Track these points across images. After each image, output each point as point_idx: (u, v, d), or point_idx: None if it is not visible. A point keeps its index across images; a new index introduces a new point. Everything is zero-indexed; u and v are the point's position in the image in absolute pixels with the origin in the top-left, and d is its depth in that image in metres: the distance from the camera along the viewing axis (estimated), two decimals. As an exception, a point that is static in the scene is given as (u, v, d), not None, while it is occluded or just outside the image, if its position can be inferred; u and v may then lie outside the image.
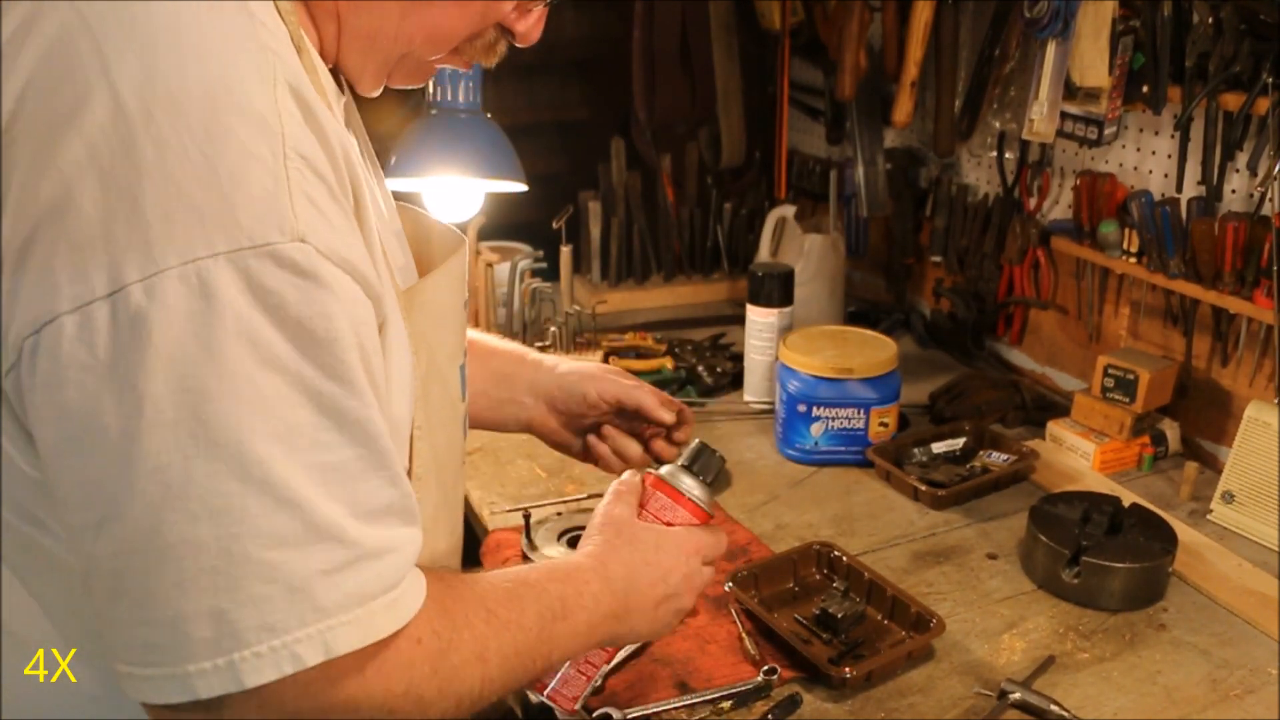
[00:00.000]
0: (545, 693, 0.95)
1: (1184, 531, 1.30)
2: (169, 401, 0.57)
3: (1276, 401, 1.37)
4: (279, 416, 0.60)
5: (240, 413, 0.58)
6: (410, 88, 0.84)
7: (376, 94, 0.82)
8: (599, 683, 1.04)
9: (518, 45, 0.80)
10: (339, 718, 0.65)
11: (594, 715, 1.01)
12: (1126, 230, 1.54)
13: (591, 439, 1.11)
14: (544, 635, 0.79)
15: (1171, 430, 1.52)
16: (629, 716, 1.02)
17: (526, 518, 1.27)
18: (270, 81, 0.61)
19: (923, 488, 1.40)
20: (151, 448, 0.57)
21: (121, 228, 0.56)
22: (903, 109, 1.76)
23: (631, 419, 1.11)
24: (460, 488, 0.97)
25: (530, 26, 0.79)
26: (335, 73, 0.79)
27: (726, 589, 1.17)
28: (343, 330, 0.62)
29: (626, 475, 0.98)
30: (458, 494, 0.96)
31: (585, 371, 1.11)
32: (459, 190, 1.70)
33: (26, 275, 0.58)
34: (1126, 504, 1.29)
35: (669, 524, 0.94)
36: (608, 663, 1.01)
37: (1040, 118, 1.52)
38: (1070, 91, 1.50)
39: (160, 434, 0.57)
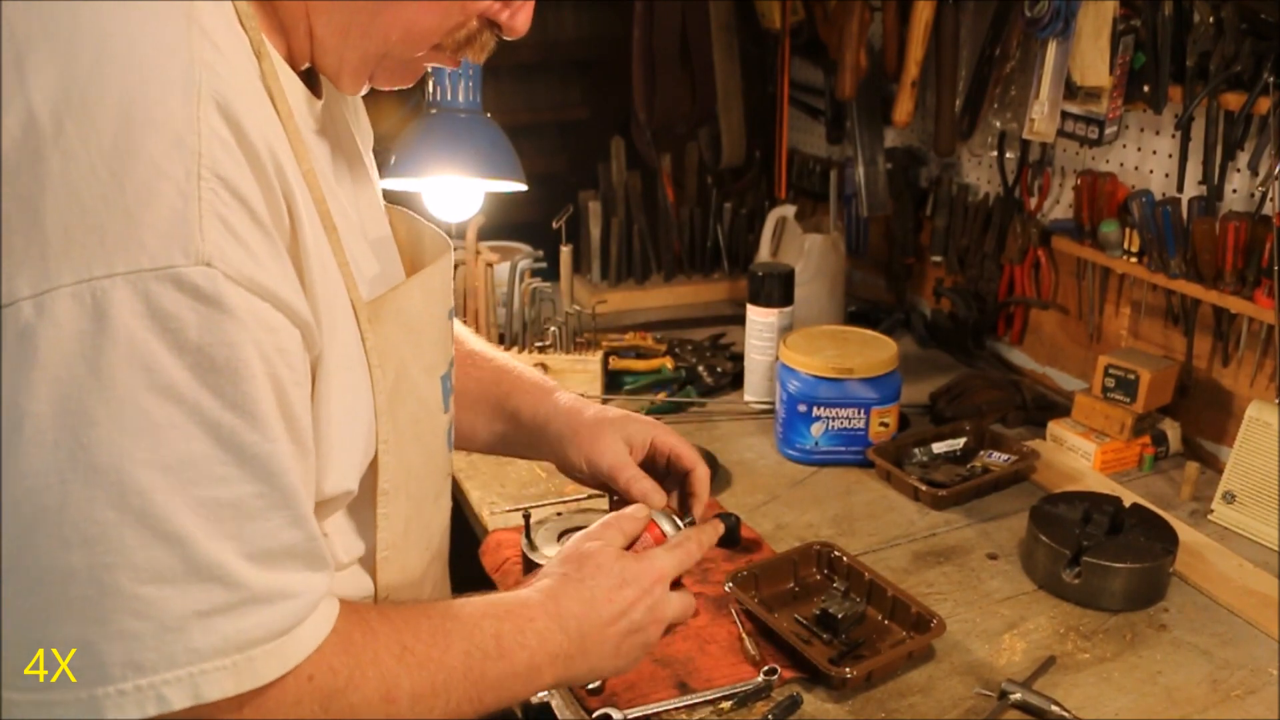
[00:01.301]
0: None
1: (1185, 532, 1.29)
2: (50, 422, 0.55)
3: (1277, 401, 1.37)
4: (169, 446, 0.57)
5: (124, 440, 0.56)
6: (399, 88, 0.81)
7: (361, 94, 0.80)
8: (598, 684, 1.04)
9: (506, 39, 0.77)
10: None
11: (594, 715, 1.01)
12: (1127, 230, 1.54)
13: (634, 475, 1.01)
14: (471, 675, 0.75)
15: (1172, 430, 1.52)
16: (629, 716, 1.02)
17: (526, 518, 1.27)
18: (194, 98, 0.58)
19: (923, 488, 1.40)
20: (29, 467, 0.55)
21: (19, 240, 0.55)
22: (903, 108, 1.76)
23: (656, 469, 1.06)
24: (443, 500, 0.94)
25: (516, 19, 0.76)
26: (313, 75, 0.77)
27: (727, 589, 1.17)
28: (248, 359, 0.60)
29: (633, 509, 0.93)
30: (439, 507, 0.92)
31: (634, 420, 1.05)
32: (459, 190, 1.70)
33: None
34: (1127, 504, 1.29)
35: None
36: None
37: (1041, 117, 1.52)
38: (1071, 91, 1.50)
39: (39, 454, 0.55)
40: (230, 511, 0.60)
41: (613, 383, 1.74)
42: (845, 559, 1.21)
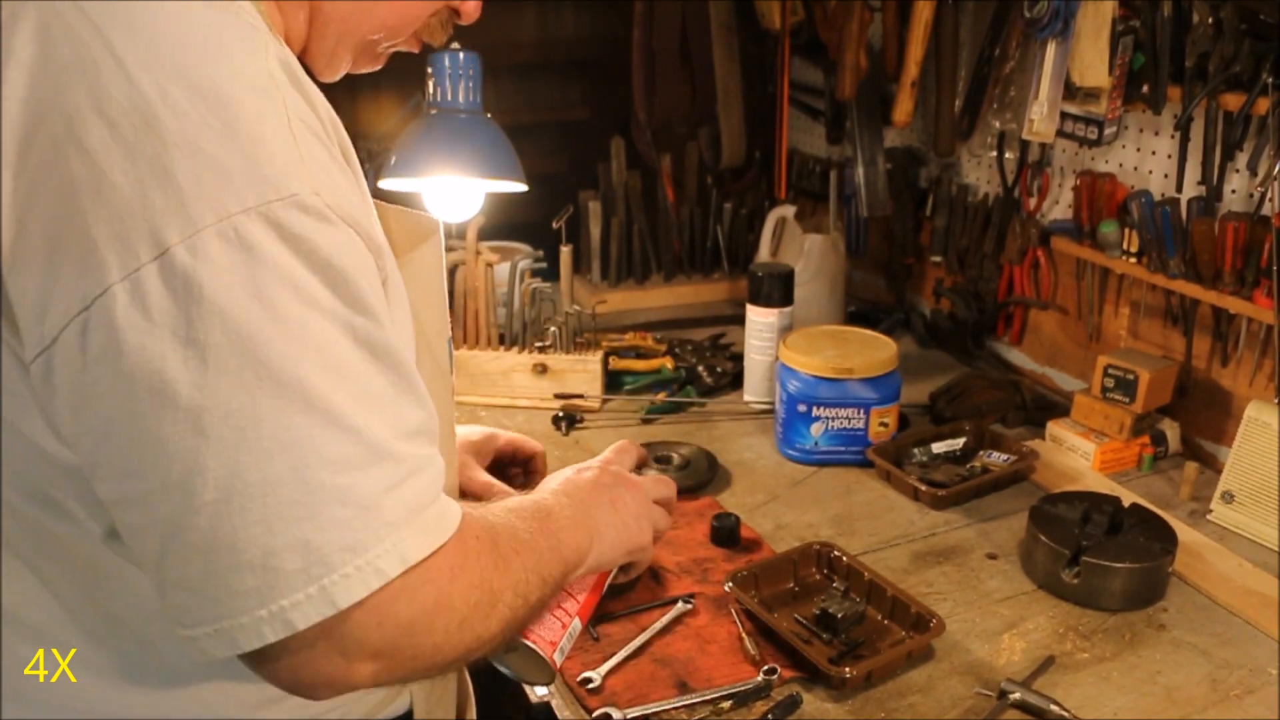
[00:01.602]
0: (529, 639, 0.99)
1: (1184, 531, 1.30)
2: (229, 349, 0.60)
3: (1276, 401, 1.37)
4: (326, 351, 0.63)
5: (294, 351, 0.62)
6: (367, 71, 0.87)
7: (334, 79, 0.85)
8: (574, 634, 1.05)
9: (461, 23, 0.86)
10: (438, 615, 0.70)
11: (594, 715, 1.02)
12: (1126, 230, 1.54)
13: (498, 491, 1.20)
14: (542, 529, 0.88)
15: (1171, 430, 1.52)
16: (629, 716, 1.02)
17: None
18: (263, 55, 0.65)
19: (923, 488, 1.40)
20: (220, 395, 0.60)
21: (157, 195, 0.59)
22: (903, 109, 1.76)
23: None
24: (454, 460, 1.03)
25: (473, 4, 0.85)
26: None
27: (727, 589, 1.17)
28: (362, 268, 0.67)
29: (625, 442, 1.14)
30: (452, 466, 1.00)
31: (472, 435, 1.26)
32: (459, 190, 1.70)
33: (65, 257, 0.60)
34: (1126, 504, 1.29)
35: None
36: (584, 617, 1.05)
37: (1040, 118, 1.52)
38: (1070, 91, 1.50)
39: (226, 381, 0.60)
40: (379, 400, 0.67)
41: (613, 383, 1.74)
42: (845, 559, 1.21)
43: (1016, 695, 1.03)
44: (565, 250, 1.86)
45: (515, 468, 1.33)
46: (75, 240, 0.59)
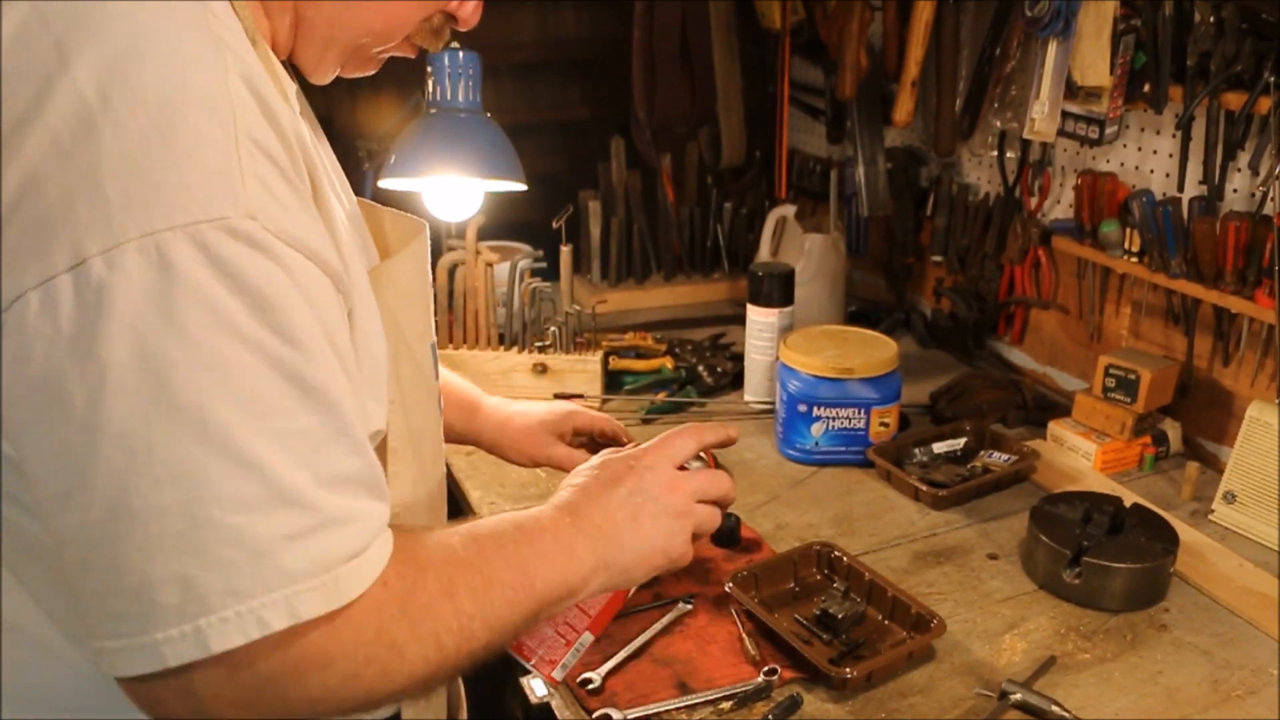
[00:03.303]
0: (531, 661, 0.97)
1: (1185, 532, 1.29)
2: (131, 369, 0.59)
3: (1278, 401, 1.37)
4: (240, 383, 0.61)
5: (201, 379, 0.60)
6: (362, 75, 0.87)
7: (326, 82, 0.85)
8: (580, 652, 1.04)
9: (459, 30, 0.85)
10: (313, 672, 0.66)
11: (594, 715, 1.01)
12: (1128, 230, 1.54)
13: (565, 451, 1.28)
14: (512, 562, 0.80)
15: (1173, 430, 1.52)
16: (629, 716, 1.01)
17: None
18: (222, 71, 0.63)
19: (923, 488, 1.40)
20: (115, 414, 0.59)
21: (83, 205, 0.58)
22: (903, 108, 1.76)
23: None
24: (439, 466, 0.99)
25: (465, 8, 0.83)
26: (287, 64, 0.81)
27: (727, 589, 1.17)
28: (299, 301, 0.64)
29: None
30: (437, 471, 0.98)
31: (553, 413, 1.30)
32: (459, 190, 1.70)
33: None
34: (1128, 504, 1.29)
35: None
36: (596, 630, 1.04)
37: (1041, 117, 1.52)
38: (1071, 91, 1.50)
39: (123, 401, 0.59)
40: (299, 441, 0.63)
41: (613, 383, 1.74)
42: (845, 559, 1.21)
43: (1017, 696, 1.03)
44: (565, 250, 1.85)
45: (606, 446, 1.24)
46: (8, 247, 0.59)
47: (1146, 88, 1.44)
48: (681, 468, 1.01)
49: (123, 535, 0.60)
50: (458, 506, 1.42)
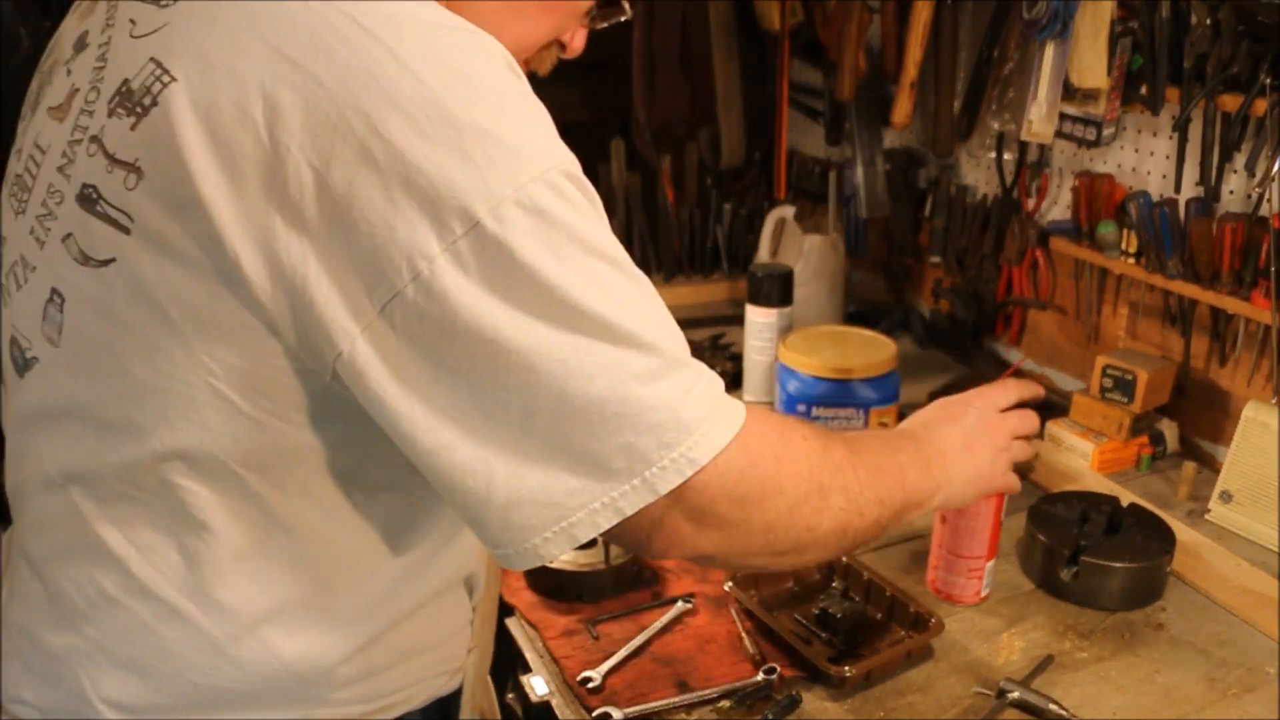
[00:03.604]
0: (951, 592, 1.19)
1: (1182, 531, 1.30)
2: (544, 300, 0.68)
3: (1274, 401, 1.37)
4: (614, 289, 0.72)
5: (595, 295, 0.70)
6: None
7: None
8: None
9: (565, 57, 0.93)
10: (759, 499, 0.79)
11: (594, 715, 1.02)
12: (1125, 231, 1.54)
13: None
14: (887, 458, 0.94)
15: (1170, 430, 1.52)
16: (629, 716, 1.02)
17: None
18: (494, 42, 0.72)
19: (922, 488, 1.40)
20: (543, 337, 0.69)
21: (458, 175, 0.66)
22: (902, 110, 1.76)
23: None
24: None
25: (580, 42, 0.93)
26: None
27: (726, 589, 1.18)
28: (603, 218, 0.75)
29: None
30: None
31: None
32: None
33: (374, 240, 0.67)
34: (1125, 504, 1.30)
35: None
36: (989, 555, 1.18)
37: (1039, 119, 1.53)
38: (1069, 92, 1.50)
39: (549, 328, 0.69)
40: (663, 320, 0.76)
41: (612, 383, 1.74)
42: (844, 558, 1.22)
43: (1015, 694, 1.03)
44: (565, 251, 1.86)
45: None
46: (386, 223, 0.66)
47: (1143, 90, 1.44)
48: None
49: (570, 429, 0.70)
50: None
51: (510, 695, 1.19)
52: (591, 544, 1.23)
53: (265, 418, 0.74)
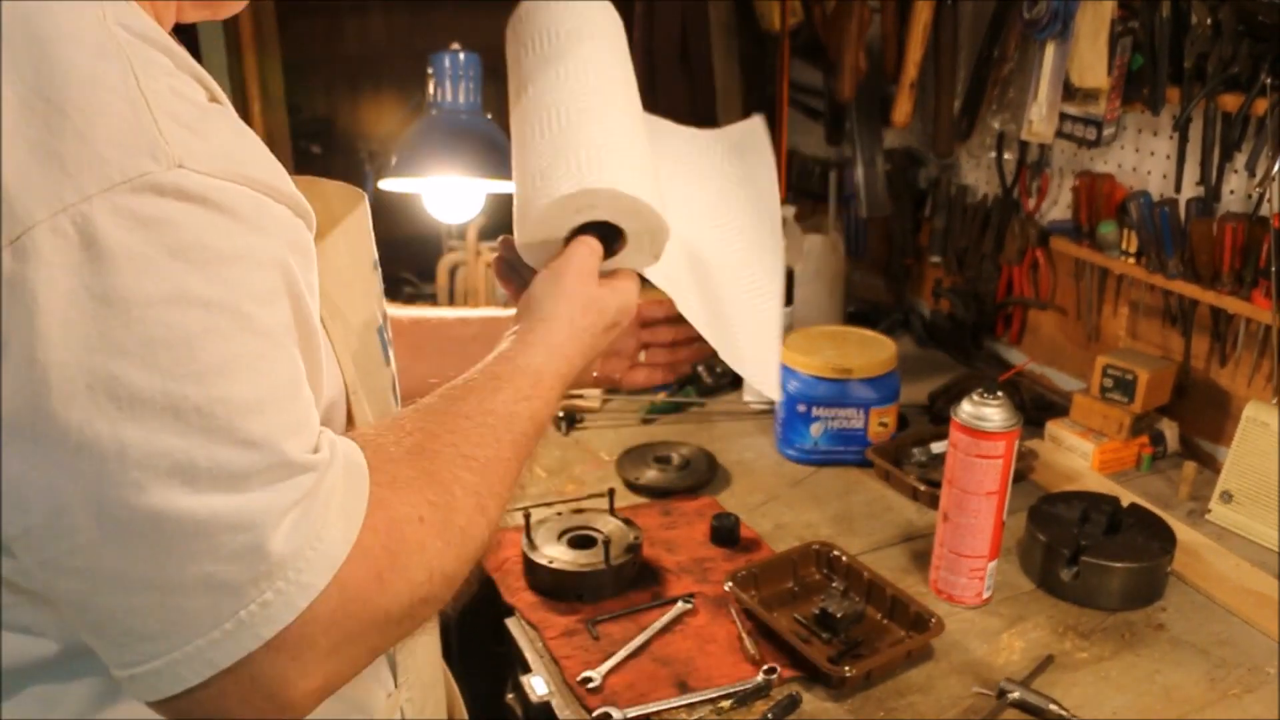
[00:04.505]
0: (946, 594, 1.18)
1: (1182, 531, 1.30)
2: (77, 368, 0.50)
3: (1274, 401, 1.37)
4: (204, 352, 0.53)
5: (162, 359, 0.52)
6: (211, 20, 0.74)
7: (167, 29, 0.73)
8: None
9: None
10: (377, 633, 0.61)
11: (594, 715, 1.02)
12: (1125, 230, 1.54)
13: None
14: (517, 443, 0.73)
15: (1170, 430, 1.52)
16: (629, 716, 1.02)
17: (526, 517, 1.27)
18: (98, 14, 0.54)
19: (922, 487, 1.40)
20: (71, 424, 0.51)
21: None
22: (902, 110, 1.76)
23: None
24: None
25: None
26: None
27: (726, 589, 1.17)
28: (244, 248, 0.56)
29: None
30: None
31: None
32: (460, 191, 1.70)
33: None
34: (1125, 504, 1.30)
35: None
36: (991, 555, 1.17)
37: (1039, 118, 1.53)
38: (1069, 92, 1.50)
39: (76, 405, 0.51)
40: (276, 399, 0.57)
41: (612, 383, 1.74)
42: (844, 558, 1.22)
43: (1015, 694, 1.03)
44: (565, 251, 1.86)
45: None
46: None
47: (1144, 89, 1.44)
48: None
49: (121, 556, 0.53)
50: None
51: (510, 695, 1.18)
52: (591, 544, 1.24)
53: None
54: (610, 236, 0.89)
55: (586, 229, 0.88)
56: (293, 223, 0.61)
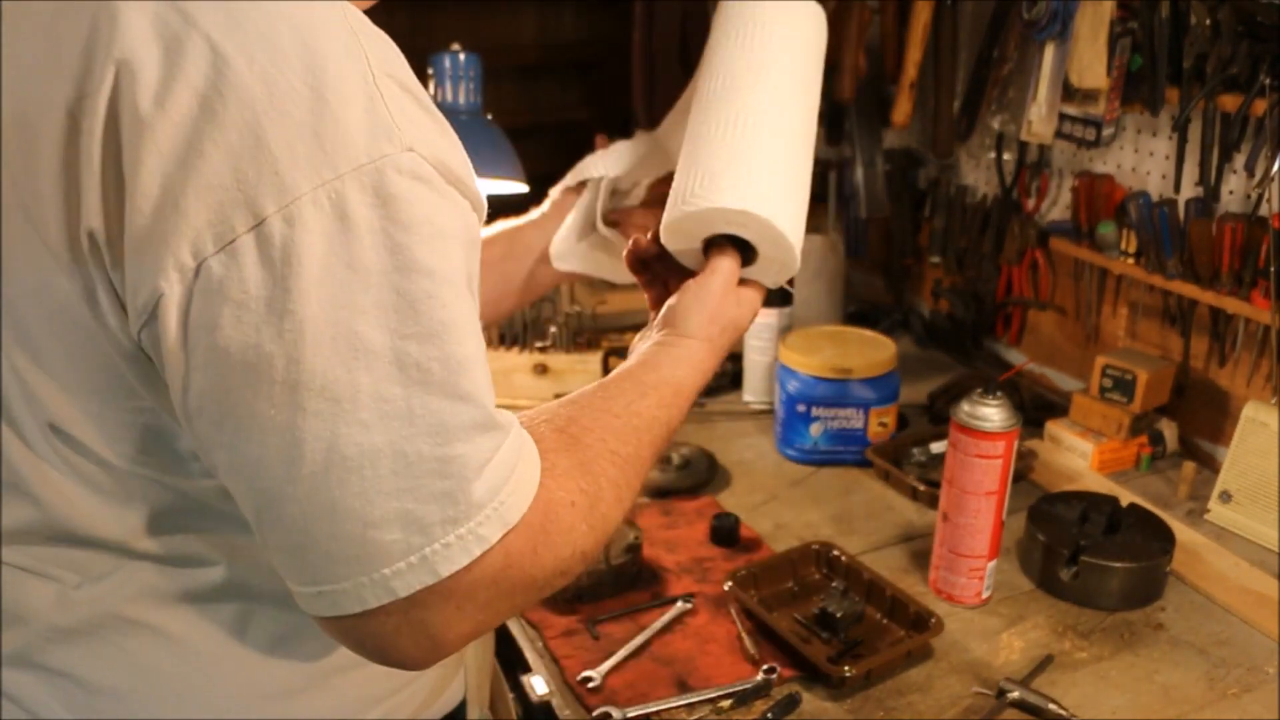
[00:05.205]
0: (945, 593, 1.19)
1: (1182, 531, 1.30)
2: (325, 321, 0.59)
3: (1274, 401, 1.37)
4: (426, 316, 0.61)
5: (391, 320, 0.60)
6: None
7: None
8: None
9: None
10: (522, 596, 0.69)
11: (594, 714, 1.02)
12: (1124, 231, 1.55)
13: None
14: (654, 444, 0.84)
15: (1169, 430, 1.52)
16: (629, 716, 1.02)
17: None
18: (341, 13, 0.62)
19: (921, 487, 1.40)
20: (317, 368, 0.59)
21: (249, 165, 0.58)
22: (901, 110, 1.76)
23: None
24: None
25: None
26: None
27: (726, 589, 1.18)
28: (455, 229, 0.64)
29: None
30: None
31: None
32: (459, 191, 1.70)
33: (159, 226, 0.58)
34: (1124, 504, 1.30)
35: None
36: (990, 554, 1.17)
37: (1038, 119, 1.53)
38: (1068, 93, 1.50)
39: (323, 353, 0.59)
40: (473, 365, 0.65)
41: (612, 383, 1.74)
42: (844, 558, 1.22)
43: (1015, 694, 1.04)
44: (565, 251, 1.86)
45: None
46: (167, 211, 0.58)
47: (1143, 90, 1.44)
48: None
49: (339, 484, 0.60)
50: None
51: (510, 695, 1.19)
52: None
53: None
54: (746, 248, 0.97)
55: (731, 237, 0.97)
56: (472, 216, 0.68)
